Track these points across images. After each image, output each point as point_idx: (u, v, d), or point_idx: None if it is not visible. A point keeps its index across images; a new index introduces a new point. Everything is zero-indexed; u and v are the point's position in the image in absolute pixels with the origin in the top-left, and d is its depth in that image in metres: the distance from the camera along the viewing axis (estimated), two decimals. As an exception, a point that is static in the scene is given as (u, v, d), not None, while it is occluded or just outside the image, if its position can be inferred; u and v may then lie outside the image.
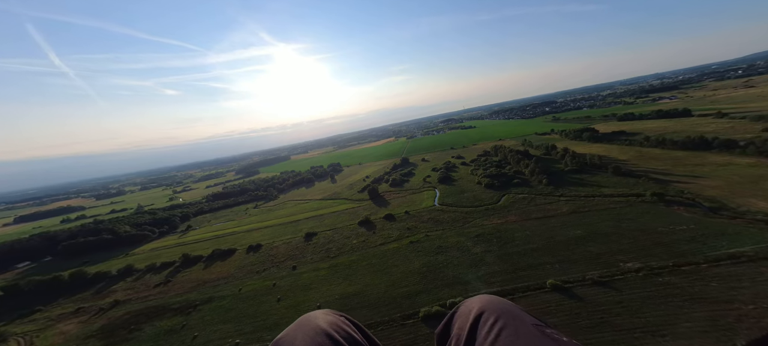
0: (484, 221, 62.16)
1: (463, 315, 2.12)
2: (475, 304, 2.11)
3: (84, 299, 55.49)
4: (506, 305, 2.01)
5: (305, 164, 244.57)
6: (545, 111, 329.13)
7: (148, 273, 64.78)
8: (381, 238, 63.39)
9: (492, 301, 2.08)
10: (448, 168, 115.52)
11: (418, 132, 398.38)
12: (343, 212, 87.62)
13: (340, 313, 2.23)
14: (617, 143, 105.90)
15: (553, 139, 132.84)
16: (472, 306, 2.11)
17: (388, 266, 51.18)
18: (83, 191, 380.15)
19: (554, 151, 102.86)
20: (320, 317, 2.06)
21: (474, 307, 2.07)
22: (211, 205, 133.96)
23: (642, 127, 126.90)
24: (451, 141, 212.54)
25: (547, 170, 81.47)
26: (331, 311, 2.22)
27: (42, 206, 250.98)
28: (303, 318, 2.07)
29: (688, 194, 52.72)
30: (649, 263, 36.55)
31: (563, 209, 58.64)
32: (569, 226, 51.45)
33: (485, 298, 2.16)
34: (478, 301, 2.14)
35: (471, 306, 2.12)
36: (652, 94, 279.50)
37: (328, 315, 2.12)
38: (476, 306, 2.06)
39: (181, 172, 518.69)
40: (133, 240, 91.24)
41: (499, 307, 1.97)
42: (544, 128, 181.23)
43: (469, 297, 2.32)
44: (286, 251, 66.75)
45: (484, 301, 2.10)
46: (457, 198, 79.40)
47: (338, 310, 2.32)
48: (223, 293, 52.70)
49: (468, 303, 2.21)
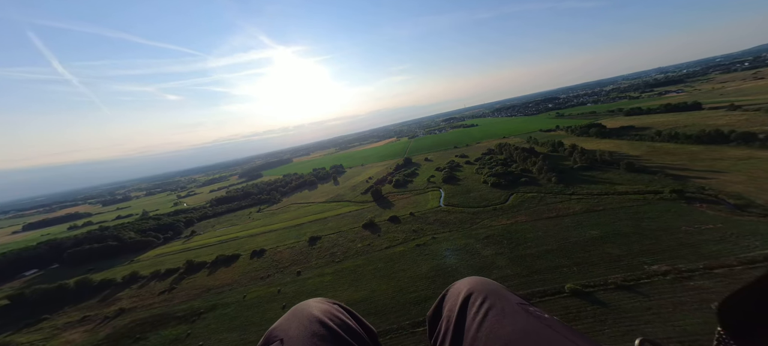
0: (493, 221, 60.37)
1: (452, 297, 2.14)
2: (464, 286, 2.14)
3: (90, 307, 54.83)
4: (493, 286, 2.06)
5: (307, 166, 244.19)
6: (548, 107, 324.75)
7: (153, 280, 64.09)
8: (386, 241, 62.00)
9: (480, 282, 2.13)
10: (452, 167, 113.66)
11: (420, 131, 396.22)
12: (347, 215, 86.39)
13: (333, 301, 2.22)
14: (627, 139, 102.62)
15: (559, 136, 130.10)
16: (461, 288, 2.13)
17: (394, 270, 49.84)
18: (90, 197, 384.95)
19: (561, 148, 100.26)
20: (313, 305, 2.07)
21: (463, 289, 2.09)
22: (214, 209, 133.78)
23: (651, 121, 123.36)
24: (453, 140, 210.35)
25: (556, 168, 79.16)
26: (324, 299, 2.22)
27: (50, 213, 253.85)
28: (296, 307, 2.07)
29: (710, 191, 50.27)
30: (676, 265, 34.40)
31: (576, 207, 56.54)
32: (584, 226, 49.47)
33: (473, 279, 2.20)
34: (466, 283, 2.17)
35: (460, 288, 2.14)
36: (657, 88, 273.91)
37: (322, 303, 2.13)
38: (465, 288, 2.09)
39: (185, 176, 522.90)
40: (138, 246, 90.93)
41: (486, 288, 2.02)
42: (549, 125, 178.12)
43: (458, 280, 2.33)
44: (290, 255, 65.72)
45: (473, 282, 2.14)
46: (463, 198, 77.67)
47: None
48: (228, 301, 51.77)
49: (457, 285, 2.24)
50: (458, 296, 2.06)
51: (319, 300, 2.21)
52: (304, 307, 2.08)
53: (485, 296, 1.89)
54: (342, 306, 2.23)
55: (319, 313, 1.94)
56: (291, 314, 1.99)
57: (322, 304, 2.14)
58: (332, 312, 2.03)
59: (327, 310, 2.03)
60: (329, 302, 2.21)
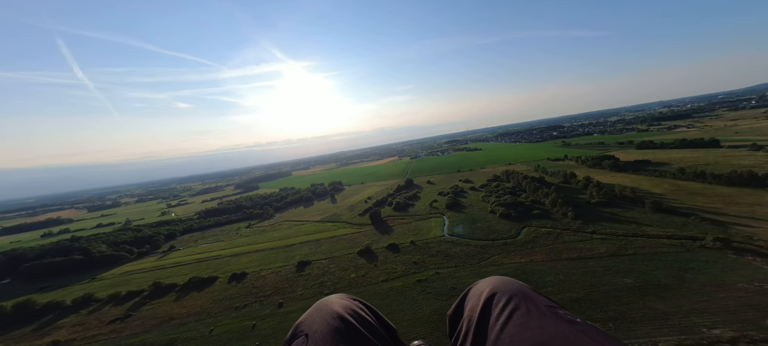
0: (504, 258, 53.16)
1: (474, 296, 2.06)
2: (487, 285, 2.05)
3: (20, 337, 45.63)
4: (518, 286, 1.94)
5: (306, 181, 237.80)
6: (553, 135, 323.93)
7: (109, 304, 55.32)
8: (384, 272, 54.48)
9: (504, 282, 2.04)
10: (457, 193, 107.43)
11: (421, 152, 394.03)
12: (342, 238, 78.81)
13: (354, 297, 2.30)
14: (645, 174, 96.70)
15: (569, 166, 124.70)
16: (483, 288, 2.05)
17: (392, 310, 42.45)
18: (79, 202, 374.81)
19: (574, 179, 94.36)
20: (335, 301, 2.14)
21: (485, 288, 2.01)
22: (201, 222, 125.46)
23: (667, 156, 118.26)
24: (456, 163, 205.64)
25: (571, 201, 72.61)
26: (345, 296, 2.31)
27: (30, 218, 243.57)
28: (320, 302, 2.17)
29: (759, 241, 43.51)
30: (745, 331, 27.65)
31: (600, 249, 49.46)
32: (613, 272, 42.38)
33: (497, 279, 2.11)
34: (489, 282, 2.09)
35: (482, 288, 2.06)
36: (664, 122, 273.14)
37: (343, 299, 2.21)
38: (488, 287, 2.00)
39: (181, 184, 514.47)
40: (106, 262, 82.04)
41: (511, 288, 1.91)
42: (556, 153, 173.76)
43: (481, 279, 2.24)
44: (273, 282, 57.76)
45: (496, 282, 2.05)
46: (469, 228, 70.65)
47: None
48: (190, 335, 43.44)
49: (479, 285, 2.16)
50: (481, 296, 1.95)
51: (341, 296, 2.27)
52: (326, 303, 2.13)
53: (510, 297, 1.78)
54: (362, 303, 2.26)
55: (340, 309, 1.98)
56: (315, 310, 2.05)
57: (343, 300, 2.19)
58: (353, 308, 2.06)
59: (348, 306, 2.07)
60: (350, 299, 2.25)
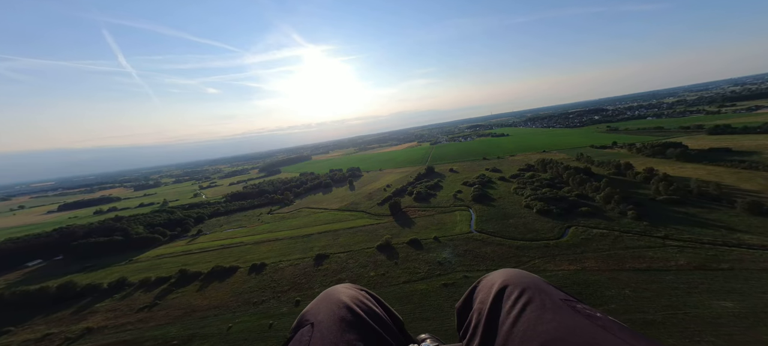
0: (547, 263, 46.05)
1: (484, 289, 1.96)
2: (498, 277, 1.94)
3: (60, 320, 48.28)
4: (531, 279, 1.83)
5: (325, 166, 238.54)
6: (594, 119, 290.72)
7: (139, 290, 57.36)
8: (405, 272, 50.12)
9: (516, 274, 1.92)
10: (483, 183, 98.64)
11: (442, 137, 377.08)
12: (361, 230, 75.52)
13: (360, 287, 2.26)
14: (725, 165, 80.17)
15: (621, 155, 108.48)
16: (494, 280, 1.95)
17: (415, 318, 38.24)
18: (127, 181, 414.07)
19: (630, 170, 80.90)
20: (342, 291, 2.10)
21: (496, 281, 1.90)
22: (227, 206, 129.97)
23: (755, 144, 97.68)
24: (481, 150, 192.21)
25: (631, 198, 61.54)
26: (352, 286, 2.26)
27: (88, 194, 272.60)
28: (326, 292, 2.14)
29: None
30: None
31: (679, 259, 40.32)
32: (702, 291, 33.90)
33: (509, 271, 1.98)
34: (501, 274, 1.97)
35: (493, 280, 1.96)
36: (738, 102, 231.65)
37: (350, 289, 2.17)
38: (499, 280, 1.89)
39: (212, 166, 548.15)
40: (142, 243, 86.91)
41: (524, 280, 1.80)
42: (601, 140, 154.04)
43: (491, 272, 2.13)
44: (291, 275, 56.24)
45: (508, 274, 1.93)
46: (500, 225, 63.27)
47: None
48: (208, 331, 42.88)
49: (490, 277, 2.05)
50: (491, 288, 1.85)
51: (348, 286, 2.22)
52: (333, 292, 2.08)
53: (523, 289, 1.68)
54: (369, 293, 2.21)
55: (347, 299, 1.94)
56: (321, 299, 2.02)
57: (350, 290, 2.14)
58: (360, 298, 2.01)
59: (355, 296, 2.02)
60: (357, 289, 2.20)
